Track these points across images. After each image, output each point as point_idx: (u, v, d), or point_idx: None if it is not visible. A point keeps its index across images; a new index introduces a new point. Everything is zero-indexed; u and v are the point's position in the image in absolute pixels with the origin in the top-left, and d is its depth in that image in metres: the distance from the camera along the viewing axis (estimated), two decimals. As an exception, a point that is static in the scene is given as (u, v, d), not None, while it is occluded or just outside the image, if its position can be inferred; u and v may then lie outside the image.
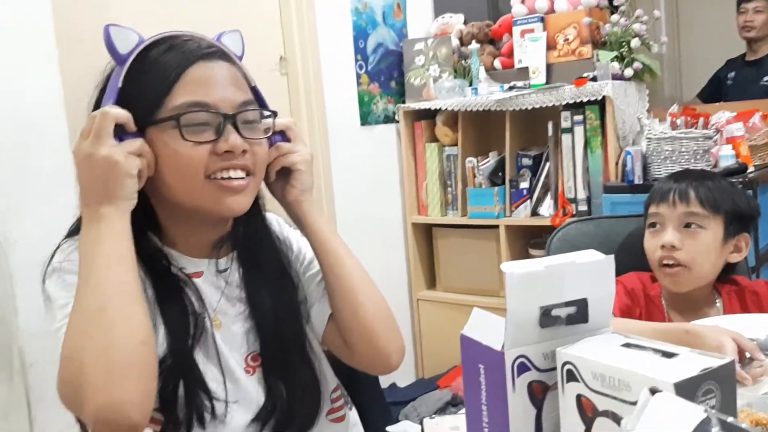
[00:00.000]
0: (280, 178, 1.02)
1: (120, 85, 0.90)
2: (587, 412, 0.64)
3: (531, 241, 2.73)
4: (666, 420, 0.47)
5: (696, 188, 1.35)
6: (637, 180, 2.28)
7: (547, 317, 0.68)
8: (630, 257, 1.44)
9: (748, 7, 3.16)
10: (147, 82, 0.90)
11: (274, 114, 0.98)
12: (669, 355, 0.62)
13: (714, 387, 0.58)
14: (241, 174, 0.92)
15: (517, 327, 0.67)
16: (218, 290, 0.99)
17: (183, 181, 0.91)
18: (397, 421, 2.38)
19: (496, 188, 2.71)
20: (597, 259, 0.69)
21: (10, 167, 1.80)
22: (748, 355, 1.06)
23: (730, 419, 0.43)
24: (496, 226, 2.71)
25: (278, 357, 0.99)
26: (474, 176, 2.79)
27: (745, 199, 1.41)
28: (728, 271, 1.42)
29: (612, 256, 0.70)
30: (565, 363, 0.66)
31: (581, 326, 0.70)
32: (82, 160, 0.86)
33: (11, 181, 1.80)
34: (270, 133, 0.98)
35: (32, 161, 1.84)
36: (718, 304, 1.41)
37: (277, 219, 1.11)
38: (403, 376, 2.92)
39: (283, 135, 1.02)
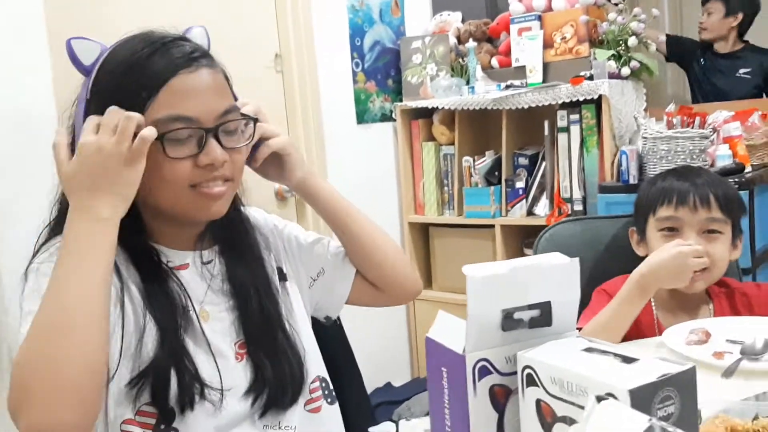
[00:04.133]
0: (272, 163, 1.05)
1: (88, 96, 0.91)
2: (546, 417, 0.63)
3: (526, 240, 2.71)
4: (611, 429, 0.46)
5: (714, 192, 1.32)
6: (633, 180, 2.25)
7: (509, 320, 0.67)
8: (616, 258, 1.43)
9: (703, 9, 3.26)
10: (128, 86, 0.89)
11: (255, 121, 0.99)
12: (629, 360, 0.60)
13: (673, 394, 0.57)
14: (221, 183, 0.94)
15: (479, 330, 0.66)
16: (204, 282, 1.01)
17: (165, 191, 0.92)
18: (390, 420, 2.36)
19: (492, 188, 2.70)
20: (561, 263, 0.68)
21: (0, 167, 1.80)
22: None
23: (671, 429, 0.41)
24: (492, 226, 2.70)
25: (263, 342, 1.01)
26: (470, 175, 2.77)
27: (740, 197, 1.39)
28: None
29: (577, 260, 0.68)
30: (525, 367, 0.65)
31: (545, 330, 0.68)
32: (109, 155, 0.85)
33: (0, 181, 1.80)
34: (250, 141, 0.99)
35: (22, 162, 1.83)
36: (709, 306, 1.40)
37: (258, 211, 1.14)
38: (398, 376, 2.90)
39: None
